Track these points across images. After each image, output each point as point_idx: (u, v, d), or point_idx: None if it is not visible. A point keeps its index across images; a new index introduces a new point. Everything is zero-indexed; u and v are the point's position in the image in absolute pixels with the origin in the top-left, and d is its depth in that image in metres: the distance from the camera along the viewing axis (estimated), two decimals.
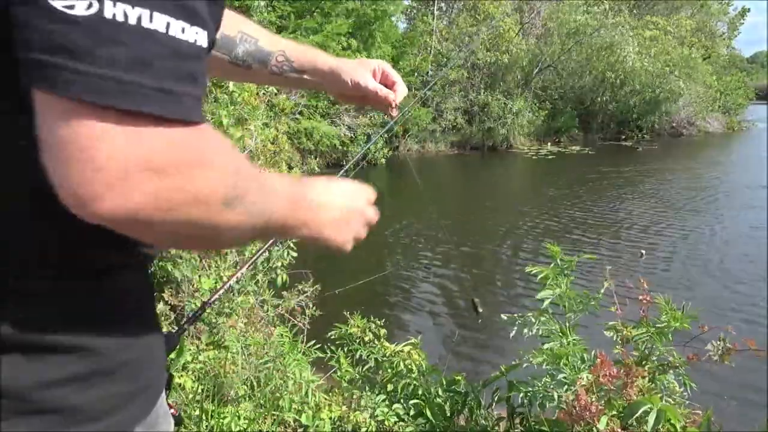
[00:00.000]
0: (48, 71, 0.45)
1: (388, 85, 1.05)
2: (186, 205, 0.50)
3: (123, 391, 0.62)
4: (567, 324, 1.98)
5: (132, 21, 0.47)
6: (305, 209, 0.65)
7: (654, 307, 1.94)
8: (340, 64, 1.03)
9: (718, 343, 1.76)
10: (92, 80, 0.46)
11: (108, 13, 0.46)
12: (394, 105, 1.06)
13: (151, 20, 0.48)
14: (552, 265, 2.05)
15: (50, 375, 0.55)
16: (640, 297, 1.91)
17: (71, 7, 0.45)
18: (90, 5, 0.46)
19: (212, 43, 0.56)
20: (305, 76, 1.02)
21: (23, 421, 0.54)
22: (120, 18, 0.46)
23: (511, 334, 2.06)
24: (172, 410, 0.78)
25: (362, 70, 1.03)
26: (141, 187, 0.47)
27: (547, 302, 1.97)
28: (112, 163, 0.46)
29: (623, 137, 23.45)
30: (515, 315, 2.11)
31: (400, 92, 1.04)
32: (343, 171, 1.22)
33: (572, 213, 11.13)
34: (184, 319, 0.95)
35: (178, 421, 0.80)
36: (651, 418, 1.53)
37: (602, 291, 1.99)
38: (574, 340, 1.94)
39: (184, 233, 0.52)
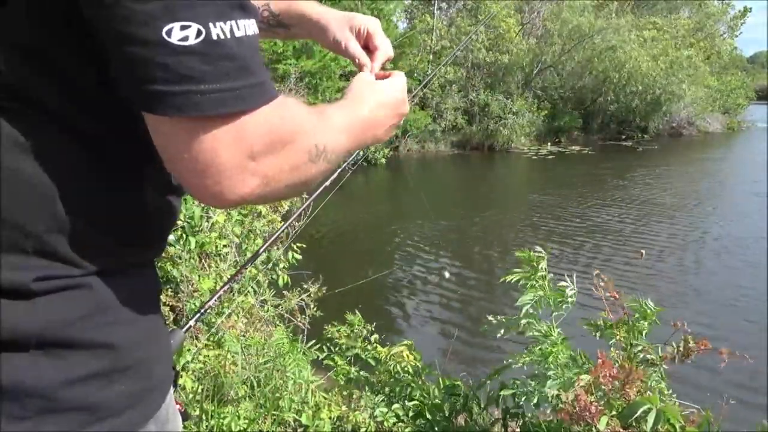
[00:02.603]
0: (175, 99, 0.52)
1: (371, 49, 0.95)
2: (284, 174, 0.60)
3: (138, 388, 0.63)
4: (552, 323, 1.99)
5: (228, 35, 0.53)
6: (364, 132, 0.75)
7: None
8: (327, 18, 0.96)
9: (678, 343, 1.78)
10: (214, 97, 0.52)
11: (213, 35, 0.52)
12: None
13: (239, 28, 0.54)
14: (528, 269, 2.07)
15: (73, 373, 0.57)
16: (608, 294, 1.92)
17: (185, 38, 0.51)
18: (199, 32, 0.51)
19: None
20: (293, 30, 0.99)
21: (49, 420, 0.55)
22: (222, 36, 0.53)
23: (495, 342, 2.08)
24: (178, 406, 0.79)
25: (345, 30, 0.95)
26: (252, 173, 0.56)
27: (525, 307, 1.98)
28: (230, 163, 0.55)
29: (623, 137, 23.45)
30: (500, 318, 2.12)
31: (379, 58, 0.94)
32: (339, 170, 1.20)
33: (572, 213, 11.14)
34: (192, 316, 0.95)
35: (185, 417, 0.80)
36: (650, 418, 1.54)
37: (568, 288, 2.00)
38: (559, 338, 1.95)
39: (284, 192, 0.62)
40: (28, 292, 0.55)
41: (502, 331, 2.04)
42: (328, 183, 1.14)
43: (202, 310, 1.00)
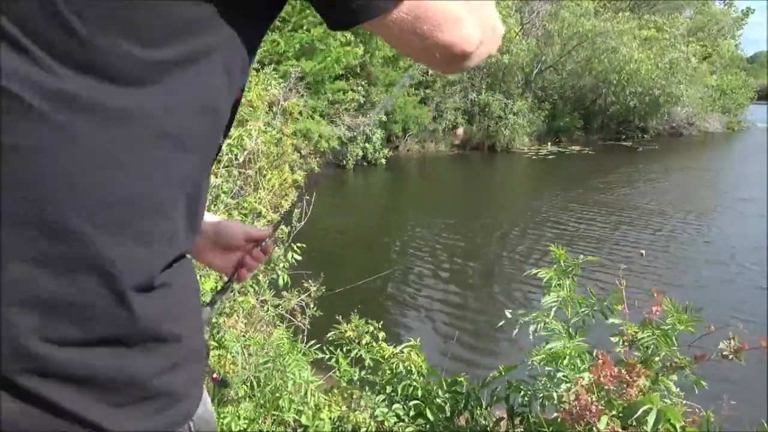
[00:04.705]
0: None
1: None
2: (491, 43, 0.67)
3: (197, 373, 0.69)
4: (570, 325, 1.98)
5: None
6: None
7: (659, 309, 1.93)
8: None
9: (730, 341, 1.76)
10: None
11: None
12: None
13: None
14: (555, 267, 2.04)
15: (160, 364, 0.61)
16: (653, 307, 1.89)
17: None
18: None
19: None
20: None
21: (142, 406, 0.60)
22: None
23: (514, 332, 2.06)
24: (215, 375, 0.83)
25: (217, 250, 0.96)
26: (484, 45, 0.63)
27: (553, 308, 1.96)
28: (475, 35, 0.61)
29: (623, 137, 23.45)
30: (518, 312, 2.10)
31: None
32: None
33: (572, 213, 11.14)
34: (218, 291, 0.97)
35: (224, 385, 0.85)
36: (651, 418, 1.53)
37: (609, 298, 1.98)
38: (577, 341, 1.94)
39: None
40: (152, 285, 0.59)
41: (526, 329, 2.02)
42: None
43: (228, 285, 0.99)
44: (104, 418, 0.57)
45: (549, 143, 21.19)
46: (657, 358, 1.84)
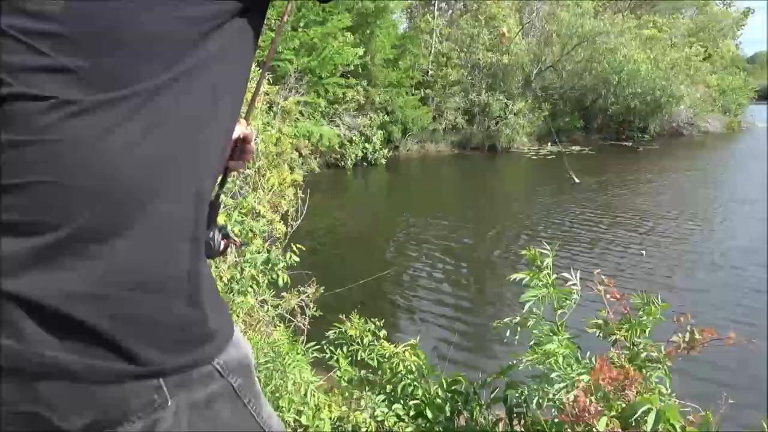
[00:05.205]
0: None
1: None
2: None
3: (225, 315, 0.80)
4: (557, 322, 1.99)
5: None
6: None
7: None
8: None
9: (684, 334, 1.78)
10: None
11: None
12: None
13: None
14: (534, 268, 2.07)
15: (213, 311, 0.74)
16: (608, 295, 1.92)
17: None
18: None
19: None
20: None
21: (180, 344, 0.71)
22: None
23: (504, 340, 2.08)
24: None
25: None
26: None
27: (528, 304, 1.98)
28: None
29: (623, 137, 23.45)
30: (507, 320, 2.12)
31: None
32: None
33: (572, 213, 11.14)
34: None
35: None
36: (650, 419, 1.53)
37: (570, 283, 2.00)
38: (566, 338, 1.95)
39: None
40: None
41: (517, 334, 2.03)
42: None
43: (226, 180, 1.08)
44: (147, 354, 0.66)
45: (549, 143, 21.19)
46: (643, 354, 1.84)
